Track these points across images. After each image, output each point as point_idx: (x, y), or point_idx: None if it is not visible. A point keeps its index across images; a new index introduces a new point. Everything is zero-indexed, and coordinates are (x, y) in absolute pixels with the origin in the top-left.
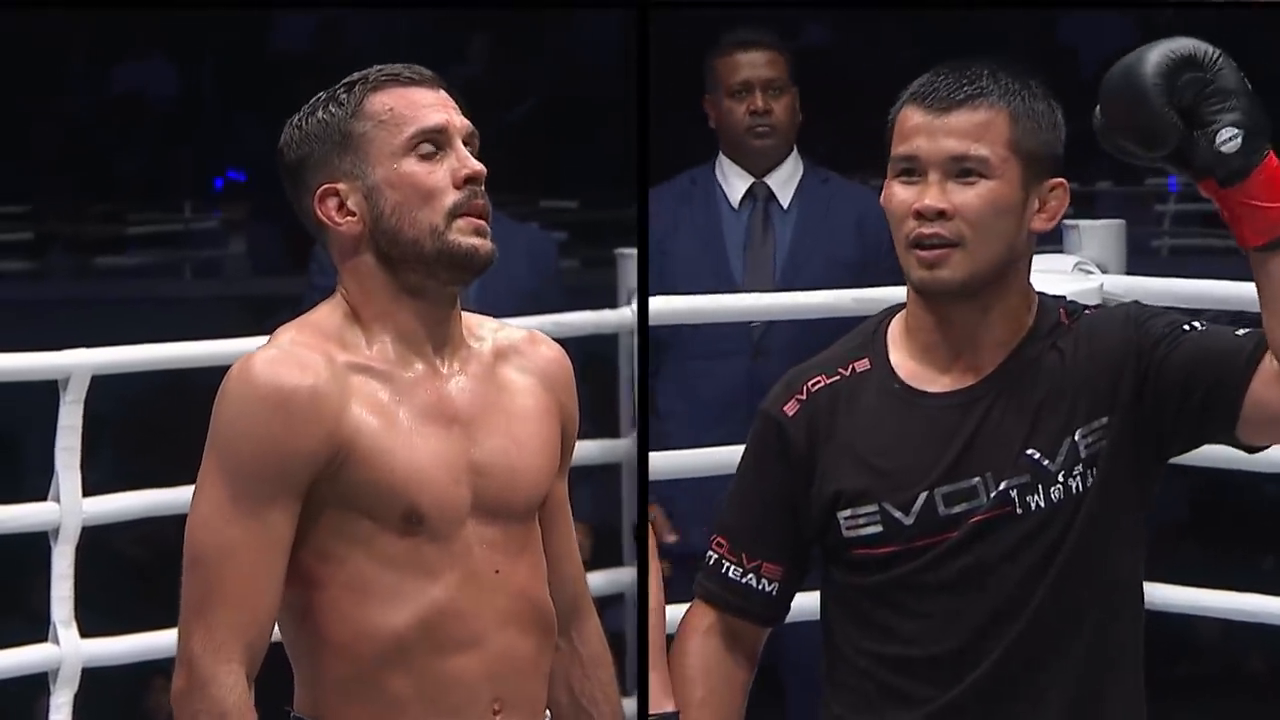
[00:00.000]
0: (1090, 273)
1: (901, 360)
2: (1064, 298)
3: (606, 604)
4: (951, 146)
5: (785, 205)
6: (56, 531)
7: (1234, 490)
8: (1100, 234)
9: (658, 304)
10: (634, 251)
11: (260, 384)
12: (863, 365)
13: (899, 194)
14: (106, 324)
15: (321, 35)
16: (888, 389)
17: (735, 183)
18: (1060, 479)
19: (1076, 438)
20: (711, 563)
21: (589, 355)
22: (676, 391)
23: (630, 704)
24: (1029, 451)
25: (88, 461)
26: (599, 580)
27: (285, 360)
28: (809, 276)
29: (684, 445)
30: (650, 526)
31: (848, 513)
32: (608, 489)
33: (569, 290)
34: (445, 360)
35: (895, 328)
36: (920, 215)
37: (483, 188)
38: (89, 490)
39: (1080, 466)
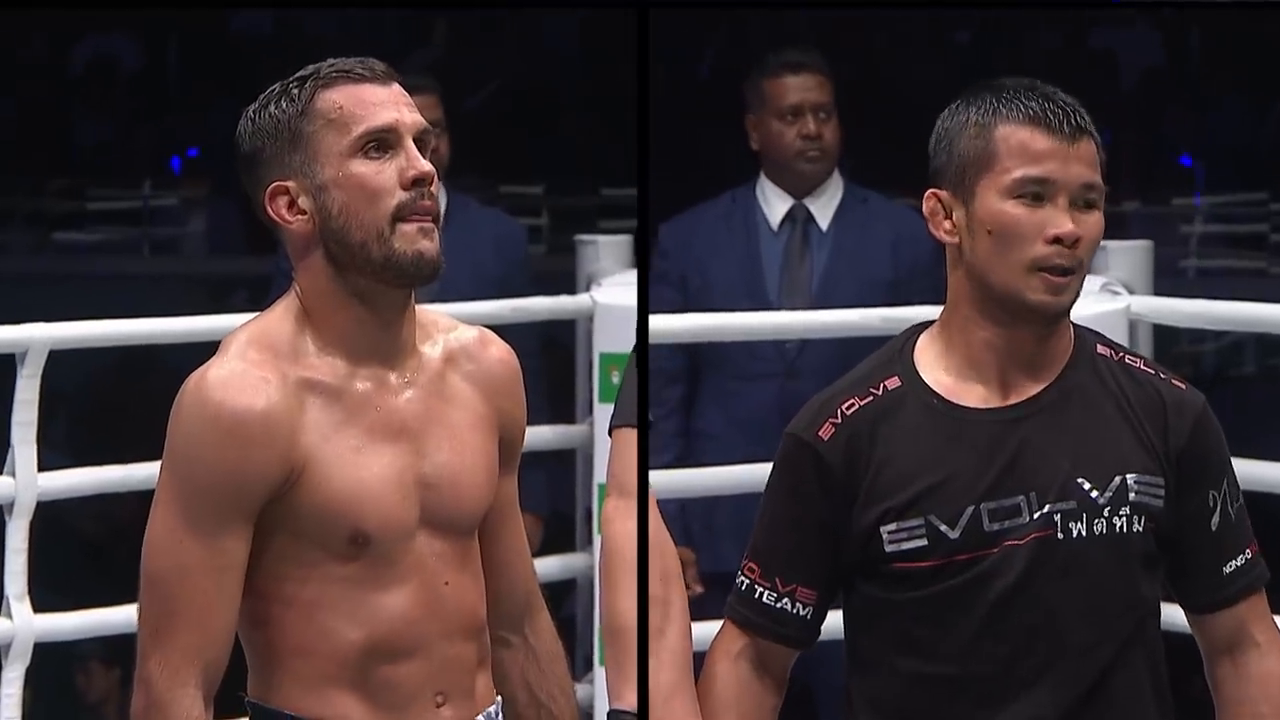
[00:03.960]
0: (1117, 293)
1: (937, 377)
2: (1096, 331)
3: (560, 589)
4: (1084, 174)
5: (824, 228)
6: (11, 506)
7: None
8: (1128, 255)
9: (685, 321)
10: (594, 239)
11: (214, 407)
12: (893, 383)
13: (1025, 216)
14: (65, 300)
15: (283, 14)
16: (926, 404)
17: (776, 204)
18: (1105, 514)
19: (1130, 480)
20: (744, 588)
21: (548, 341)
22: (712, 412)
23: (583, 689)
24: (1079, 480)
25: (43, 436)
26: (553, 565)
27: (239, 382)
28: (843, 299)
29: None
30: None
31: (893, 526)
32: (563, 475)
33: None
34: (395, 370)
35: (926, 345)
36: (1060, 241)
37: (432, 188)
38: (44, 465)
39: (1127, 509)
